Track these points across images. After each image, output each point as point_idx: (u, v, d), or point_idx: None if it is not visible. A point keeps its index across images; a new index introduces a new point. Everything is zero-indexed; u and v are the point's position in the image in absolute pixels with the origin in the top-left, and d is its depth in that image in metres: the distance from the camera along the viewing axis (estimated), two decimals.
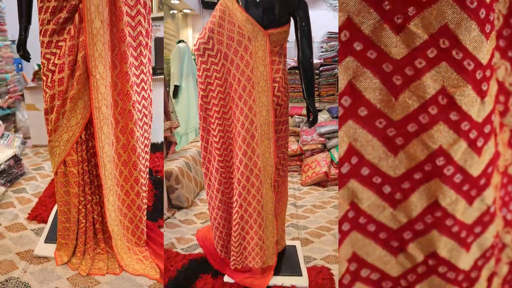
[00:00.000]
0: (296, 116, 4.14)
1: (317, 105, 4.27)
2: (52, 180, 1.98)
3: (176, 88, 3.73)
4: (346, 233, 1.06)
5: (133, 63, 1.21)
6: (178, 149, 3.38)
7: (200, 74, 1.71)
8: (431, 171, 1.00)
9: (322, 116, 4.04)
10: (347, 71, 0.97)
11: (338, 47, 4.66)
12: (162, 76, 2.75)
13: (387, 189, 1.03)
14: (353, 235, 1.06)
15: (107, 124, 1.19)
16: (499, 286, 1.14)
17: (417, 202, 1.03)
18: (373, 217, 1.05)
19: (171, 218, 2.53)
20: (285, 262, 1.93)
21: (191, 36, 4.50)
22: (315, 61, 4.22)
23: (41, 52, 1.17)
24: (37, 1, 1.19)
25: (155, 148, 2.52)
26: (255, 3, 1.62)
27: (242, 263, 1.80)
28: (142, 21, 1.24)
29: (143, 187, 1.33)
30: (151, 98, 1.35)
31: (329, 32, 4.30)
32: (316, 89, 4.27)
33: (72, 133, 1.17)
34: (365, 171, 1.01)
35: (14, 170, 2.15)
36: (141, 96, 1.30)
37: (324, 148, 3.64)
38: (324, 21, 4.41)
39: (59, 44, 1.15)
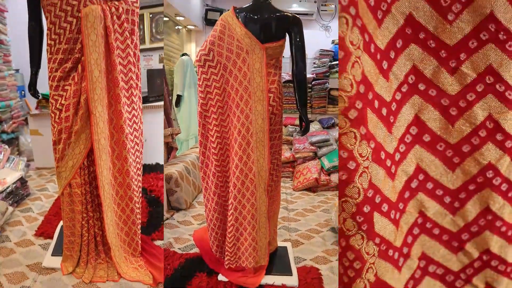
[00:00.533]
0: (289, 126, 4.14)
1: (309, 116, 4.27)
2: (56, 200, 2.12)
3: (179, 97, 3.72)
4: (416, 236, 1.23)
5: (125, 102, 1.40)
6: (179, 154, 3.36)
7: (201, 83, 1.70)
8: (483, 182, 1.19)
9: (314, 127, 4.04)
10: (414, 106, 1.15)
11: (329, 63, 4.70)
12: (157, 103, 2.77)
13: (447, 199, 1.22)
14: (421, 237, 1.23)
15: (105, 153, 1.38)
16: None
17: (472, 209, 1.22)
18: (437, 223, 1.23)
19: (170, 219, 2.49)
20: (277, 262, 1.90)
21: (194, 50, 4.51)
22: (308, 75, 4.25)
23: (50, 93, 1.36)
24: (47, 53, 1.39)
25: (150, 169, 2.55)
26: (253, 20, 1.63)
27: (236, 262, 1.76)
28: (132, 68, 1.45)
29: (137, 205, 1.49)
30: (141, 129, 1.53)
31: (321, 49, 4.35)
32: (308, 101, 4.28)
33: (76, 160, 1.36)
34: (429, 185, 1.20)
35: (21, 191, 2.20)
36: (133, 128, 1.48)
37: (315, 156, 3.63)
38: (317, 39, 4.47)
39: (65, 88, 1.35)
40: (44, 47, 1.44)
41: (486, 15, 1.08)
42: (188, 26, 4.27)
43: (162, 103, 2.70)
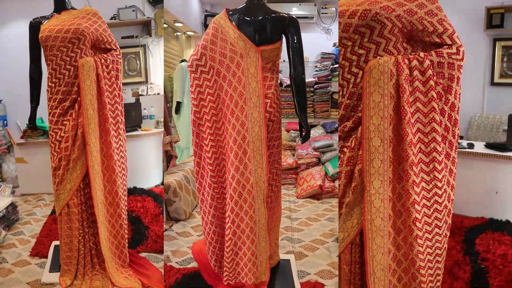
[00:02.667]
0: (292, 131, 4.03)
1: (311, 120, 4.17)
2: (45, 223, 2.29)
3: (178, 104, 3.65)
4: None
5: (113, 134, 1.64)
6: (179, 162, 3.27)
7: (193, 90, 1.62)
8: None
9: (317, 131, 3.93)
10: None
11: (330, 66, 4.58)
12: (132, 133, 3.08)
13: None
14: None
15: (98, 177, 1.60)
16: None
17: None
18: None
19: (169, 231, 2.39)
20: (279, 277, 1.78)
21: None
22: (310, 79, 4.15)
23: (50, 127, 1.61)
24: (47, 93, 1.62)
25: (129, 192, 2.95)
26: (247, 21, 1.54)
27: (235, 278, 1.65)
28: (118, 107, 1.70)
29: (124, 221, 1.68)
30: (126, 156, 1.77)
31: (322, 52, 4.25)
32: (311, 105, 4.18)
33: (73, 183, 1.58)
34: None
35: (12, 216, 2.33)
36: (119, 156, 1.71)
37: (319, 162, 3.51)
38: (317, 43, 4.37)
39: (64, 122, 1.59)
40: (43, 86, 1.69)
41: None
42: (187, 32, 4.22)
43: (136, 132, 3.08)
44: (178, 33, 4.01)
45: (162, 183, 2.94)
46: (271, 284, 1.70)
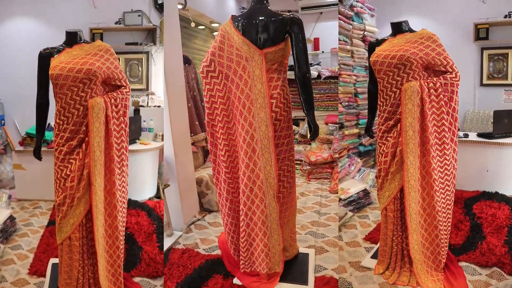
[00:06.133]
0: (330, 124, 3.97)
1: None
2: (42, 236, 2.33)
3: None
4: None
5: (117, 172, 1.67)
6: None
7: (205, 94, 1.76)
8: None
9: None
10: None
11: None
12: (131, 147, 2.84)
13: None
14: None
15: (100, 214, 1.62)
16: None
17: None
18: None
19: (201, 220, 2.63)
20: (295, 269, 1.86)
21: None
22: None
23: (55, 163, 1.61)
24: (54, 129, 1.62)
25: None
26: (250, 26, 1.61)
27: (251, 267, 1.78)
28: (124, 144, 1.70)
29: (121, 251, 1.72)
30: (127, 191, 1.78)
31: None
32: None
33: (76, 219, 1.60)
34: None
35: (10, 228, 2.34)
36: (122, 191, 1.71)
37: None
38: None
39: (70, 161, 1.59)
40: (51, 113, 1.67)
41: None
42: None
43: (136, 147, 2.90)
44: (216, 33, 4.21)
45: (157, 197, 2.84)
46: (285, 275, 1.79)
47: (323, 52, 4.51)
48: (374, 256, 1.95)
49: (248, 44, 1.59)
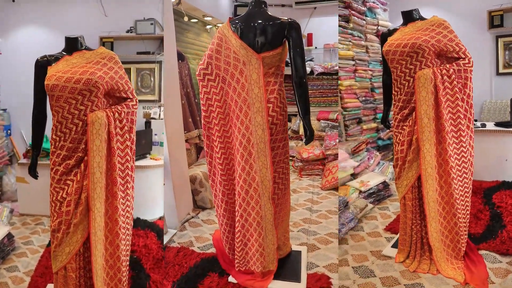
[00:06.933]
0: (322, 120, 4.02)
1: None
2: (41, 258, 2.15)
3: None
4: None
5: (121, 196, 1.49)
6: None
7: (202, 96, 1.76)
8: None
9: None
10: None
11: None
12: (139, 163, 2.77)
13: None
14: None
15: (100, 243, 1.46)
16: None
17: None
18: None
19: (195, 218, 2.66)
20: (287, 267, 1.92)
21: None
22: None
23: (51, 184, 1.44)
24: (51, 146, 1.44)
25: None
26: (248, 29, 1.62)
27: (245, 266, 1.84)
28: (129, 165, 1.52)
29: (124, 283, 1.56)
30: (132, 216, 1.59)
31: None
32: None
33: (72, 247, 1.43)
34: None
35: (7, 247, 2.18)
36: (125, 217, 1.56)
37: None
38: None
39: (67, 182, 1.42)
40: (48, 128, 1.52)
41: None
42: (218, 24, 4.35)
43: (146, 162, 2.79)
44: (209, 26, 4.16)
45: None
46: (279, 273, 1.84)
47: (316, 48, 4.53)
48: (394, 246, 1.99)
49: (246, 48, 1.60)
